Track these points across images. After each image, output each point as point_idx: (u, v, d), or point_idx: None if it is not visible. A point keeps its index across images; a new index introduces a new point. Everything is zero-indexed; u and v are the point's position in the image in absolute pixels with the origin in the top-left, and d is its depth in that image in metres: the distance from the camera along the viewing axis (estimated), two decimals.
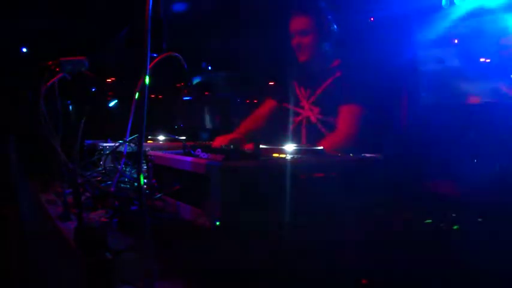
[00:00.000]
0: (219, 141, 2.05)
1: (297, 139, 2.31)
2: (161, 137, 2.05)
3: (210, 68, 5.82)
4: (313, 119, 2.27)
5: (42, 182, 1.86)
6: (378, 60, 4.38)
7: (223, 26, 4.52)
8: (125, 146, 1.53)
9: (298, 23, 2.25)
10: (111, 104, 4.74)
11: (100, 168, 1.64)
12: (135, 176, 1.53)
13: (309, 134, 2.28)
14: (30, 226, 1.90)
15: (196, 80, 5.66)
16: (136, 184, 1.44)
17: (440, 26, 4.78)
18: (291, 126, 2.37)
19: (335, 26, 2.27)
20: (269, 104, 2.54)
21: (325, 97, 2.23)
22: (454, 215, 1.26)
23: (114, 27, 4.65)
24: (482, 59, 4.48)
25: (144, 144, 1.71)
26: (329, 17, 2.24)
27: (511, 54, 4.26)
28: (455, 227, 1.14)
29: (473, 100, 4.78)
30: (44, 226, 1.54)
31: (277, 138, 2.37)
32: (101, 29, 4.49)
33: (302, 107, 2.34)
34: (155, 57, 1.41)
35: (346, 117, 2.13)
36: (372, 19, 5.15)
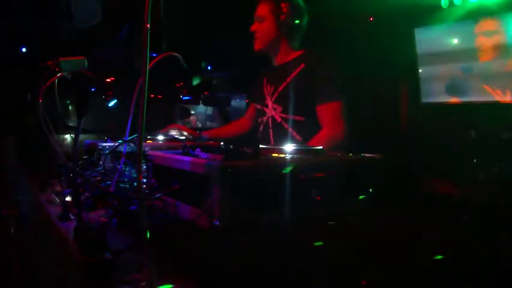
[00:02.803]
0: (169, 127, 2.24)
1: (266, 141, 2.18)
2: (160, 137, 2.05)
3: (209, 68, 5.82)
4: (277, 118, 2.14)
5: (42, 182, 1.85)
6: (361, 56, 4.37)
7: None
8: (125, 145, 1.53)
9: (258, 9, 2.16)
10: (111, 103, 4.74)
11: (99, 168, 1.64)
12: (134, 175, 1.53)
13: (276, 135, 2.15)
14: (30, 226, 1.89)
15: (195, 81, 5.66)
16: (135, 184, 1.44)
17: (439, 27, 4.79)
18: (260, 127, 2.26)
19: (298, 17, 2.13)
20: (250, 109, 2.49)
21: (288, 94, 2.10)
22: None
23: (114, 27, 4.65)
24: (482, 60, 4.50)
25: (144, 144, 1.71)
26: (290, 6, 2.10)
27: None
28: None
29: (454, 100, 4.82)
30: (43, 226, 1.54)
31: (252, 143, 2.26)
32: (100, 29, 4.49)
33: (266, 105, 2.22)
34: (155, 57, 1.41)
35: (328, 118, 2.03)
36: (371, 19, 5.17)
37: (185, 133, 2.25)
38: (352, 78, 2.41)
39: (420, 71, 5.11)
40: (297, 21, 2.12)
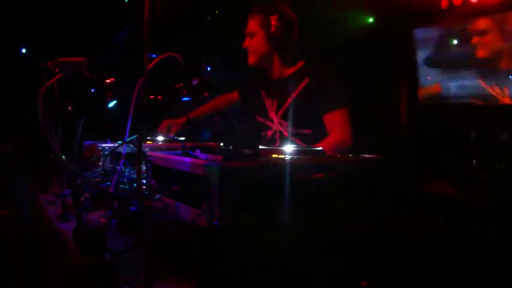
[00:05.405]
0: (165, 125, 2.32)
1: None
2: (160, 138, 2.05)
3: (209, 68, 5.82)
4: (285, 133, 2.15)
5: (41, 183, 1.86)
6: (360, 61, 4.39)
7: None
8: (124, 146, 1.53)
9: (248, 24, 2.18)
10: (110, 104, 4.74)
11: (99, 169, 1.64)
12: (134, 176, 1.53)
13: None
14: (29, 227, 1.89)
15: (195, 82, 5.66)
16: (135, 185, 1.44)
17: (439, 27, 4.80)
18: (264, 141, 2.27)
19: (288, 29, 2.12)
20: (233, 95, 2.53)
21: (296, 109, 2.11)
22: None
23: (113, 28, 4.65)
24: (479, 58, 4.51)
25: (143, 144, 1.71)
26: (280, 18, 2.08)
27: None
28: None
29: (436, 88, 4.87)
30: (43, 227, 1.54)
31: (252, 143, 2.27)
32: (100, 30, 4.49)
33: (271, 120, 2.23)
34: (154, 58, 1.41)
35: (336, 124, 2.04)
36: (371, 20, 5.17)
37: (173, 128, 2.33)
38: (351, 79, 2.41)
39: (419, 71, 5.12)
40: (287, 33, 2.12)
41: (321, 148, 1.41)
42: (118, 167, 1.50)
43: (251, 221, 1.03)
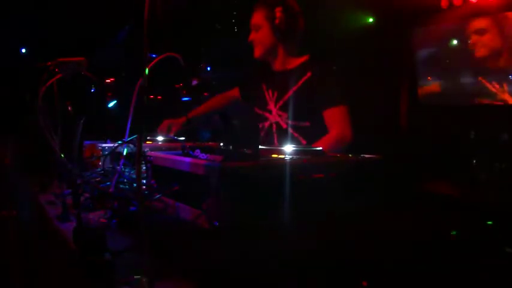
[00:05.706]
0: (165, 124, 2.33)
1: (269, 146, 2.20)
2: (160, 138, 2.05)
3: (209, 68, 5.82)
4: (283, 125, 2.15)
5: (41, 183, 1.86)
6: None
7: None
8: (124, 146, 1.53)
9: (253, 18, 2.19)
10: (110, 104, 4.74)
11: (99, 169, 1.64)
12: (134, 176, 1.53)
13: (280, 141, 2.17)
14: (29, 227, 1.89)
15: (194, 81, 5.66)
16: (135, 185, 1.44)
17: (438, 27, 4.80)
18: (262, 133, 2.27)
19: (293, 21, 2.13)
20: (233, 93, 2.54)
21: (296, 101, 2.11)
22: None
23: (113, 28, 4.64)
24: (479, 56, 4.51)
25: (143, 144, 1.71)
26: (284, 11, 2.10)
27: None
28: None
29: (436, 88, 4.88)
30: (43, 227, 1.54)
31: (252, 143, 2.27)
32: (99, 30, 4.49)
33: (270, 111, 2.23)
34: (154, 58, 1.41)
35: (336, 120, 2.04)
36: (371, 20, 5.17)
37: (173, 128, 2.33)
38: (351, 78, 2.41)
39: (419, 71, 5.12)
40: (292, 26, 2.13)
41: (320, 148, 1.41)
42: (118, 167, 1.49)
43: (251, 221, 1.03)
